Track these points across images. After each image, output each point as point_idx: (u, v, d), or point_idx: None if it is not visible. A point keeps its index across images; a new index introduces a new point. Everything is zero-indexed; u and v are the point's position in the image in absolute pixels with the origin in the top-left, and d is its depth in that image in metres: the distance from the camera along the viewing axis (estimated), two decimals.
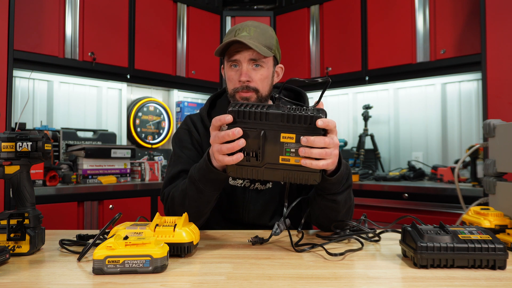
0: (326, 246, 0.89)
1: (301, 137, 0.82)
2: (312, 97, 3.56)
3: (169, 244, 0.81)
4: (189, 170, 1.05)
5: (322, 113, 0.83)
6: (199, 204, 1.03)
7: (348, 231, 1.04)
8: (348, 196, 1.05)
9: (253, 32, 1.13)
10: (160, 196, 1.22)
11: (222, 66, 1.27)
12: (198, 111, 1.34)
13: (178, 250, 0.83)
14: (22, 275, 0.73)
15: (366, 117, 3.02)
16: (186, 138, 1.25)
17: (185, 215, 0.90)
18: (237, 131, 0.83)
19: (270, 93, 1.23)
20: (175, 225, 0.85)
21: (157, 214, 0.90)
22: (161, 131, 3.34)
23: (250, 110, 0.83)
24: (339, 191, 1.00)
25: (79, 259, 0.82)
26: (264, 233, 1.05)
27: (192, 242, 0.84)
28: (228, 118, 0.84)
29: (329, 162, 0.84)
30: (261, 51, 1.11)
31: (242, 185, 1.21)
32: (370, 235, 1.00)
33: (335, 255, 0.84)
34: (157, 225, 0.85)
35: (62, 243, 0.91)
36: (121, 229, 0.85)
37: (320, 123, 0.81)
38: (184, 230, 0.84)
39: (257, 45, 1.11)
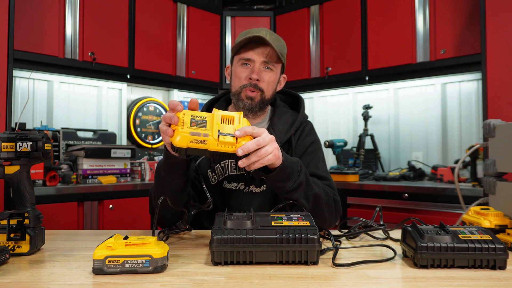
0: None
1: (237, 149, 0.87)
2: (312, 97, 3.57)
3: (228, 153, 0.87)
4: None
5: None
6: (166, 191, 1.02)
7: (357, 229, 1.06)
8: (308, 192, 1.03)
9: (269, 36, 1.17)
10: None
11: (227, 66, 1.29)
12: None
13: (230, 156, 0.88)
14: (22, 275, 0.73)
15: (366, 117, 3.02)
16: None
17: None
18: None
19: (271, 99, 1.27)
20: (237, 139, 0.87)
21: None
22: None
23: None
24: (290, 188, 0.99)
25: None
26: None
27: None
28: (179, 107, 0.85)
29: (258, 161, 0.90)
30: (277, 52, 1.17)
31: (237, 188, 1.21)
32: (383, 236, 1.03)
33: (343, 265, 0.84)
34: (219, 131, 0.86)
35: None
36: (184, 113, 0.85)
37: (238, 133, 0.86)
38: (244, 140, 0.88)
39: (275, 46, 1.16)
